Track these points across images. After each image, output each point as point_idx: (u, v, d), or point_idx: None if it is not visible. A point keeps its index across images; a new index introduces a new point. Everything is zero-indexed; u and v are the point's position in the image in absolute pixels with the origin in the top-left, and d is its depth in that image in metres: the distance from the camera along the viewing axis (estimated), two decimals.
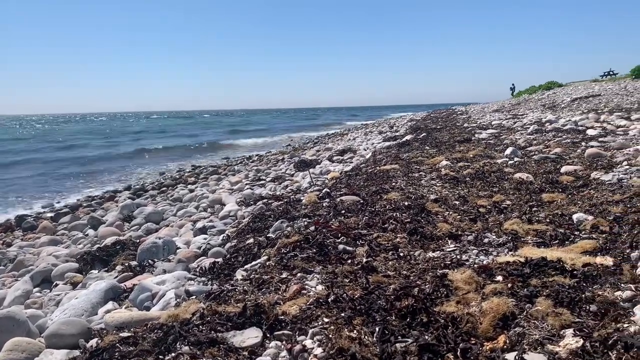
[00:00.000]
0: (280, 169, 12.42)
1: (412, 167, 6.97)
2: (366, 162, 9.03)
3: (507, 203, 4.59)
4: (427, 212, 4.30)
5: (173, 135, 39.81)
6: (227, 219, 6.66)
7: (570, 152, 6.88)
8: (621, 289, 2.33)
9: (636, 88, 18.08)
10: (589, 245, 2.98)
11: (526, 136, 9.30)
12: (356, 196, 5.09)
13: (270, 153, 18.92)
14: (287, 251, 3.24)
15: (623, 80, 25.04)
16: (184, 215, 8.03)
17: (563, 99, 19.78)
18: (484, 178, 5.71)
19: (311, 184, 7.82)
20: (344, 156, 12.20)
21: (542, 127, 10.33)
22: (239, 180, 10.99)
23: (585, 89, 24.60)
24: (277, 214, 4.94)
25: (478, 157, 7.33)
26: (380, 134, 18.34)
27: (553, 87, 34.66)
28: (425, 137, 11.91)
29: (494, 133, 10.60)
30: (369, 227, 3.77)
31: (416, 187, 5.54)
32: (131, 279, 4.37)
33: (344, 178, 7.03)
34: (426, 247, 3.38)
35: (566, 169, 5.59)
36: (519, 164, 6.35)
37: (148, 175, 16.89)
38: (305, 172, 9.59)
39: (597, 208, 3.84)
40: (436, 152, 8.45)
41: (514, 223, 3.72)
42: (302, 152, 16.89)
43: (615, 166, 5.35)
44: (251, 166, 14.52)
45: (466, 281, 2.58)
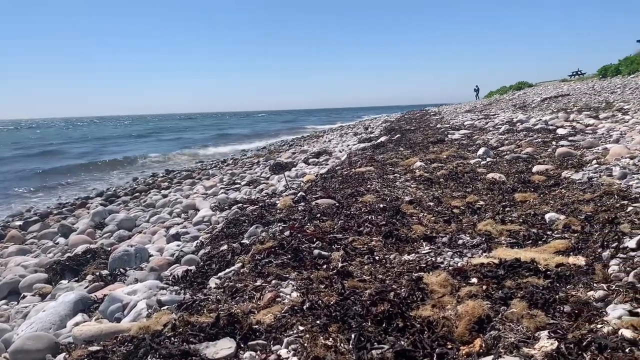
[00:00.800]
0: (255, 172, 12.31)
1: (386, 168, 6.99)
2: (342, 164, 9.02)
3: (480, 203, 4.62)
4: (402, 214, 4.30)
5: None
6: (201, 224, 6.56)
7: (541, 151, 6.99)
8: (594, 288, 2.36)
9: (603, 87, 18.51)
10: (562, 245, 3.01)
11: (498, 136, 9.42)
12: (331, 199, 5.07)
13: (245, 156, 18.79)
14: (262, 258, 3.19)
15: (591, 80, 25.64)
16: (157, 222, 7.89)
17: (533, 99, 20.14)
18: (457, 179, 5.75)
19: (287, 187, 7.77)
20: (320, 158, 12.18)
21: (514, 127, 10.48)
22: (213, 184, 10.86)
23: (555, 88, 25.12)
24: (252, 218, 4.89)
25: (451, 157, 7.39)
26: (355, 136, 18.40)
27: (523, 87, 35.31)
28: (399, 138, 11.98)
29: (467, 133, 10.72)
30: (345, 231, 3.75)
31: (391, 189, 5.54)
32: (102, 289, 4.25)
33: (319, 181, 7.00)
34: (401, 250, 3.37)
35: (538, 169, 5.67)
36: (491, 164, 6.42)
37: (120, 180, 16.57)
38: (280, 175, 9.53)
39: (568, 207, 3.89)
40: (410, 153, 8.49)
41: (488, 224, 3.74)
42: (278, 154, 16.82)
43: (585, 165, 5.45)
44: (226, 170, 14.38)
45: (441, 284, 2.57)
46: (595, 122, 9.57)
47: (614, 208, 3.51)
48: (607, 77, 24.45)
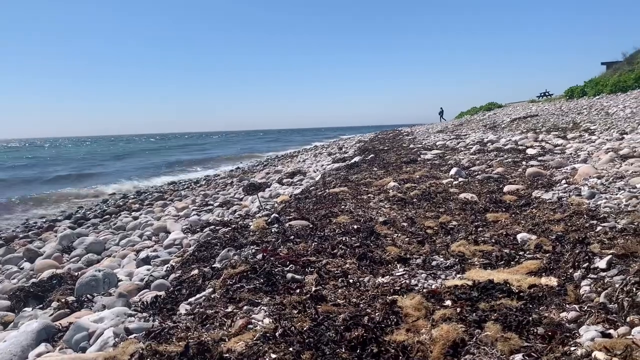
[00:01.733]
0: (228, 193, 12.20)
1: (360, 189, 6.99)
2: (316, 184, 9.00)
3: (453, 224, 4.65)
4: (377, 235, 4.29)
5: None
6: (172, 247, 6.43)
7: (512, 171, 7.10)
8: (566, 309, 2.36)
9: (570, 108, 19.03)
10: (534, 265, 3.03)
11: (469, 156, 9.55)
12: (305, 220, 5.03)
13: (218, 176, 18.62)
14: (233, 282, 3.12)
15: (558, 101, 26.35)
16: (127, 245, 7.70)
17: (503, 119, 20.57)
18: (430, 199, 5.78)
19: (260, 209, 7.70)
20: (294, 178, 12.14)
21: (484, 147, 10.66)
22: (185, 205, 10.70)
23: (524, 109, 25.74)
24: (224, 241, 4.80)
25: (424, 177, 7.44)
26: (329, 156, 18.46)
27: (493, 107, 36.09)
28: (373, 158, 12.05)
29: (439, 153, 10.85)
30: (318, 253, 3.71)
31: (365, 209, 5.53)
32: (68, 317, 4.10)
33: (293, 201, 6.96)
34: (376, 272, 3.35)
35: (509, 189, 5.75)
36: (463, 184, 6.48)
37: (90, 202, 16.19)
38: (254, 195, 9.45)
39: (539, 227, 3.94)
40: (384, 173, 8.52)
41: (461, 244, 3.75)
42: (252, 175, 16.72)
43: (554, 185, 5.55)
44: (198, 191, 14.21)
45: (416, 307, 2.55)
46: (564, 142, 9.80)
47: (584, 228, 3.56)
48: (573, 98, 25.17)
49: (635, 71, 21.64)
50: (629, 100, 16.40)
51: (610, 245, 2.91)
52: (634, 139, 8.47)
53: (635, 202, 4.10)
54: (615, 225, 3.44)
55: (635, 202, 4.07)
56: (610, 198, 4.40)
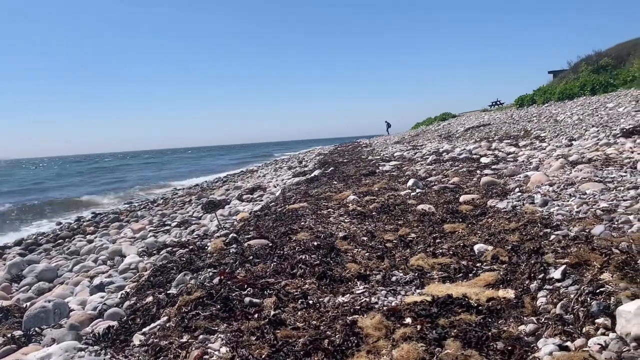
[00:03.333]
0: (187, 211, 11.94)
1: (320, 203, 6.95)
2: (276, 200, 8.92)
3: (412, 236, 4.66)
4: (337, 251, 4.25)
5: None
6: (127, 272, 6.20)
7: (467, 180, 7.21)
8: (524, 322, 2.37)
9: (521, 116, 19.64)
10: (491, 277, 3.05)
11: (426, 166, 9.68)
12: (265, 239, 4.94)
13: (176, 195, 18.23)
14: (189, 310, 3.00)
15: (509, 109, 27.17)
16: (80, 271, 7.38)
17: (457, 129, 21.05)
18: (389, 211, 5.79)
19: (219, 227, 7.55)
20: (254, 194, 12.02)
21: (440, 157, 10.84)
22: (142, 227, 10.40)
23: (477, 118, 26.41)
24: (180, 265, 4.66)
25: (383, 189, 7.48)
26: (290, 170, 18.39)
27: (448, 117, 36.93)
28: (332, 171, 12.06)
29: (397, 165, 10.95)
30: (278, 274, 3.63)
31: (325, 225, 5.49)
32: (14, 353, 3.87)
33: (252, 219, 6.86)
34: (336, 292, 3.30)
35: (464, 198, 5.82)
36: (421, 195, 6.54)
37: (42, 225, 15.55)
38: (213, 214, 9.27)
39: (495, 237, 3.98)
40: (343, 187, 8.52)
41: (420, 258, 3.75)
42: (211, 192, 16.46)
43: (508, 193, 5.65)
44: (156, 210, 13.84)
45: (376, 327, 2.51)
46: (516, 150, 10.07)
47: (538, 237, 3.62)
48: (523, 106, 26.01)
49: (580, 79, 22.59)
50: (575, 107, 17.06)
51: (564, 255, 2.95)
52: (582, 145, 8.78)
53: (585, 208, 4.21)
54: (568, 233, 3.50)
55: (586, 209, 4.18)
56: (562, 205, 4.50)
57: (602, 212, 3.97)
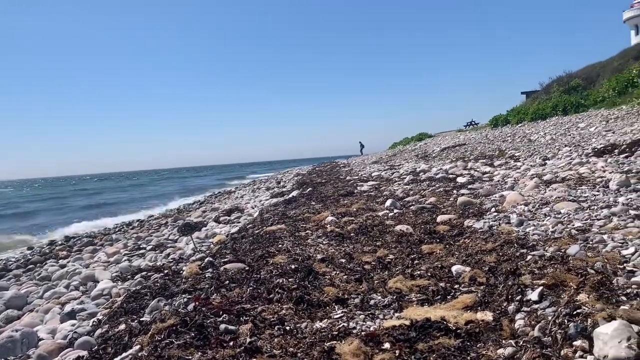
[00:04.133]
0: (163, 234, 11.75)
1: (298, 225, 6.90)
2: (253, 222, 8.83)
3: (390, 257, 4.64)
4: (315, 274, 4.19)
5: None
6: (100, 298, 6.04)
7: (444, 200, 7.25)
8: (503, 345, 2.35)
9: (495, 136, 20.00)
10: (469, 299, 3.03)
11: (403, 186, 9.72)
12: (241, 263, 4.86)
13: (152, 217, 17.95)
14: (162, 338, 2.91)
15: (484, 129, 27.67)
16: (52, 297, 7.16)
17: (434, 149, 21.30)
18: (367, 232, 5.77)
19: (195, 251, 7.43)
20: (231, 216, 11.91)
21: (417, 177, 10.90)
22: (116, 250, 10.19)
23: (452, 138, 26.80)
24: (155, 290, 4.55)
25: (361, 210, 7.46)
26: (268, 190, 18.30)
27: (424, 138, 37.40)
28: (311, 192, 12.03)
29: (375, 185, 10.97)
30: (254, 299, 3.56)
31: (303, 247, 5.43)
32: None
33: (229, 242, 6.76)
34: (313, 317, 3.24)
35: (442, 219, 5.84)
36: (398, 216, 6.54)
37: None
38: (189, 237, 9.14)
39: (473, 258, 3.98)
40: (322, 207, 8.48)
41: (398, 280, 3.73)
42: (188, 214, 16.26)
43: (485, 213, 5.69)
44: (131, 234, 13.60)
45: (354, 353, 2.46)
46: (491, 169, 10.19)
47: (515, 257, 3.63)
48: (498, 126, 26.51)
49: (552, 100, 23.14)
50: (548, 127, 17.44)
51: (541, 275, 2.96)
52: (555, 164, 8.94)
53: (561, 227, 4.24)
54: (544, 253, 3.52)
55: (561, 228, 4.22)
56: (538, 225, 4.54)
57: (577, 231, 4.01)
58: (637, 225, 3.80)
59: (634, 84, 17.45)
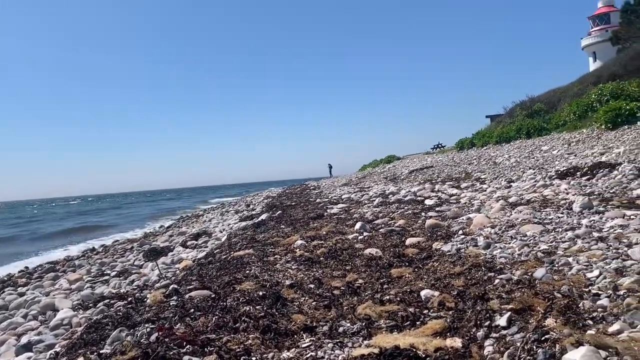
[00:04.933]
0: (128, 260, 11.43)
1: (267, 249, 6.81)
2: (221, 246, 8.69)
3: (360, 282, 4.60)
4: (283, 300, 4.11)
5: None
6: (59, 328, 5.78)
7: (412, 223, 7.28)
8: None
9: (462, 159, 20.37)
10: (438, 325, 3.00)
11: (373, 209, 9.74)
12: (207, 290, 4.74)
13: (117, 242, 17.49)
14: None
15: (450, 152, 28.19)
16: (7, 328, 6.81)
17: (402, 171, 21.53)
18: (336, 257, 5.73)
19: (160, 277, 7.23)
20: (199, 240, 11.71)
21: (387, 199, 10.96)
22: (79, 277, 9.83)
23: (420, 161, 27.18)
24: (117, 320, 4.37)
25: (331, 233, 7.42)
26: (237, 214, 18.10)
27: (393, 160, 37.84)
28: (280, 215, 11.95)
29: (344, 207, 10.97)
30: (220, 329, 3.45)
31: (271, 273, 5.35)
32: None
33: (195, 268, 6.61)
34: (281, 346, 3.15)
35: (410, 241, 5.85)
36: (368, 239, 6.52)
37: None
38: (154, 262, 8.91)
39: (441, 282, 3.97)
40: (291, 231, 8.41)
41: (367, 306, 3.68)
42: (154, 238, 15.91)
43: (452, 236, 5.72)
44: (95, 259, 13.18)
45: None
46: (458, 191, 10.33)
47: (483, 281, 3.63)
48: (464, 149, 27.05)
49: (516, 123, 23.76)
50: (512, 150, 17.86)
51: (509, 300, 2.96)
52: (520, 186, 9.11)
53: (527, 250, 4.29)
54: (511, 277, 3.54)
55: (528, 251, 4.27)
56: (505, 248, 4.59)
57: (543, 254, 4.06)
58: (600, 248, 3.87)
59: (593, 109, 18.08)
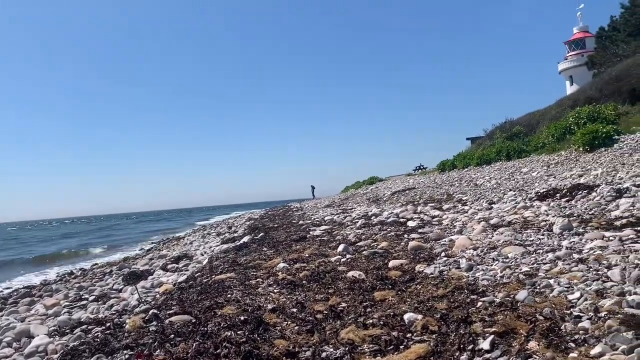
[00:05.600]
0: (107, 283, 11.20)
1: (249, 273, 6.73)
2: (202, 270, 8.58)
3: (343, 305, 4.56)
4: (265, 325, 4.06)
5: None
6: (34, 356, 5.60)
7: (395, 245, 7.28)
8: None
9: (443, 180, 20.52)
10: (422, 349, 2.98)
11: (356, 230, 9.74)
12: (188, 315, 4.66)
13: (96, 265, 17.16)
14: None
15: (432, 174, 28.39)
16: None
17: (385, 193, 21.61)
18: (319, 279, 5.68)
19: (140, 301, 7.09)
20: (179, 264, 11.55)
21: (369, 221, 10.97)
22: (56, 302, 9.58)
23: (402, 182, 27.32)
24: (94, 347, 4.26)
25: (314, 256, 7.39)
26: (218, 236, 17.94)
27: (375, 181, 37.97)
28: (263, 237, 11.87)
29: (327, 229, 10.95)
30: (200, 355, 3.38)
31: (253, 296, 5.28)
32: None
33: (176, 292, 6.50)
34: None
35: (393, 264, 5.84)
36: (351, 261, 6.50)
37: None
38: (134, 286, 8.74)
39: (424, 305, 3.96)
40: (273, 254, 8.35)
41: (350, 331, 3.64)
42: (134, 261, 15.65)
43: (435, 258, 5.73)
44: (73, 283, 12.89)
45: None
46: (440, 213, 10.39)
47: (466, 304, 3.63)
48: (445, 171, 27.28)
49: (496, 145, 24.08)
50: (493, 172, 18.06)
51: (492, 323, 2.96)
52: (501, 208, 9.20)
53: (509, 272, 4.31)
54: (494, 299, 3.55)
55: (509, 273, 4.29)
56: (487, 270, 4.60)
57: (525, 276, 4.08)
58: (581, 270, 3.90)
59: (571, 131, 18.44)
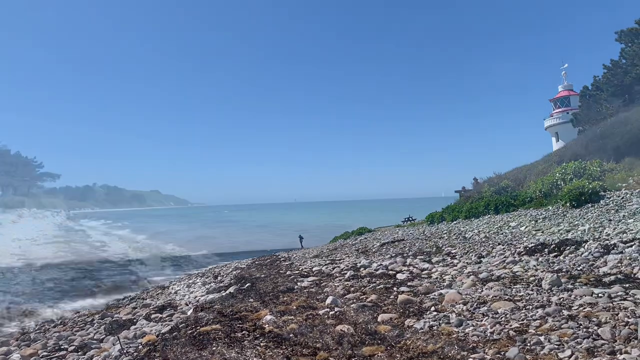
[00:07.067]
0: (88, 333, 10.87)
1: (235, 325, 6.58)
2: (186, 320, 8.37)
3: None
4: None
5: None
6: None
7: (384, 298, 7.20)
8: None
9: (432, 233, 20.52)
10: None
11: (344, 282, 9.63)
12: None
13: (77, 314, 16.68)
14: None
15: (421, 226, 28.39)
16: None
17: (373, 244, 21.50)
18: (307, 333, 5.58)
19: (122, 352, 6.88)
20: (163, 313, 11.28)
21: (358, 272, 10.87)
22: (33, 352, 9.27)
23: (391, 233, 27.22)
24: None
25: (301, 308, 7.27)
26: (204, 285, 17.60)
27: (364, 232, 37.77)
28: (249, 287, 11.68)
29: (315, 280, 10.81)
30: None
31: (239, 350, 5.16)
32: None
33: (159, 343, 6.32)
34: None
35: (382, 318, 5.76)
36: (339, 314, 6.40)
37: None
38: (116, 336, 8.50)
39: None
40: (260, 305, 8.21)
41: None
42: (117, 310, 15.25)
43: (425, 312, 5.67)
44: (52, 332, 12.50)
45: None
46: (429, 266, 10.34)
47: None
48: (434, 223, 27.31)
49: (484, 199, 24.29)
50: (482, 225, 18.14)
51: None
52: (490, 262, 9.20)
53: (499, 328, 4.27)
54: (484, 356, 3.50)
55: (500, 329, 4.25)
56: (477, 325, 4.56)
57: (515, 332, 4.04)
58: (571, 327, 3.88)
59: (558, 187, 18.71)
